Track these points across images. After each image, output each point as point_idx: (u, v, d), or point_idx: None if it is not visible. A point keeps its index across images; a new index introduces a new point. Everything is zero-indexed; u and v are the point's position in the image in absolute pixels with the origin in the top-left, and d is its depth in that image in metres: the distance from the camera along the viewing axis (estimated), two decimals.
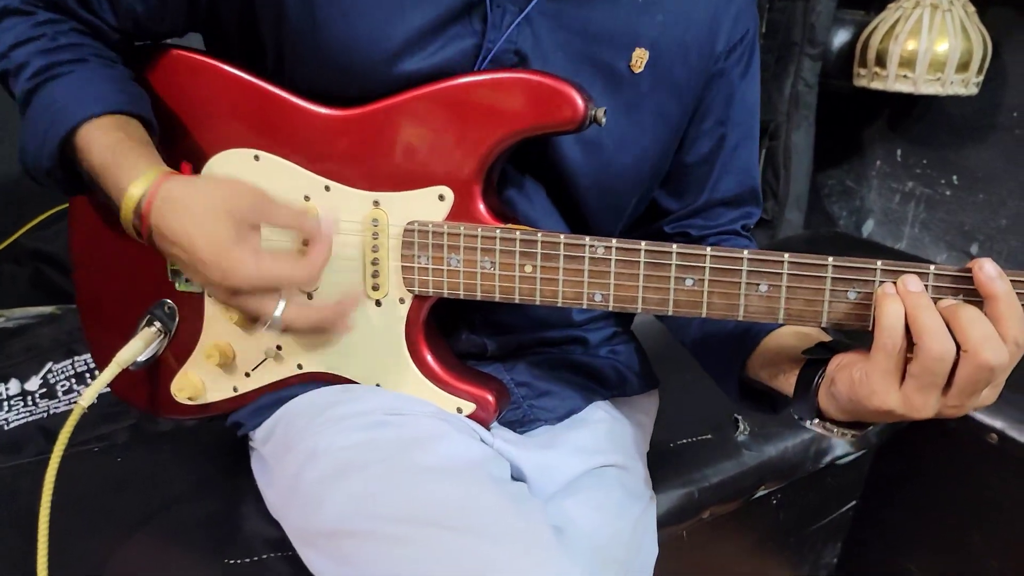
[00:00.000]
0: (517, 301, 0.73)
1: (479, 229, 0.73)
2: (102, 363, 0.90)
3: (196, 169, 0.80)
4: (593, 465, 0.81)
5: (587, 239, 0.70)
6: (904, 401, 0.59)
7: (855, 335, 0.68)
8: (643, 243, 0.68)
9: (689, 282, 0.68)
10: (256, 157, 0.78)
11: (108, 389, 0.85)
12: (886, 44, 2.00)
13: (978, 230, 2.22)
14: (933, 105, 2.22)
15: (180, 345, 0.85)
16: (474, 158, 0.72)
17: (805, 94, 2.18)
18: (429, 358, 0.78)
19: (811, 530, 1.35)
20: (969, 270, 0.61)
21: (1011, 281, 0.59)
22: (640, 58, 0.78)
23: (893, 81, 1.99)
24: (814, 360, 0.69)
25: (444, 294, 0.75)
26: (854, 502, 1.40)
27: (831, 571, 1.47)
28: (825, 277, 0.65)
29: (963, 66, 1.96)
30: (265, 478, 0.85)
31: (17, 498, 0.91)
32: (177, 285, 0.84)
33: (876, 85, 2.04)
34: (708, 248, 0.66)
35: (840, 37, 2.18)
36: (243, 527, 0.89)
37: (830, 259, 0.64)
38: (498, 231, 0.72)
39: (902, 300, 0.59)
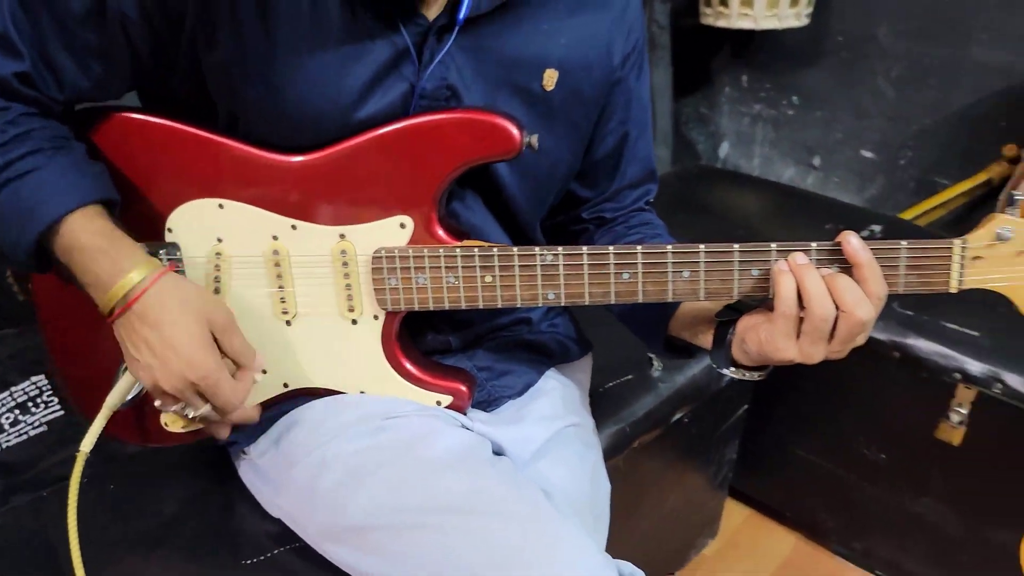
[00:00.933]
0: (481, 307, 0.84)
1: (441, 250, 0.82)
2: (86, 410, 0.94)
3: (158, 223, 0.85)
4: (555, 429, 0.95)
5: (537, 249, 0.81)
6: (801, 352, 0.75)
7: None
8: (584, 248, 0.80)
9: (626, 276, 0.80)
10: (220, 205, 0.84)
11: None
12: None
13: (818, 144, 2.46)
14: (771, 35, 2.41)
15: None
16: (429, 189, 0.82)
17: (659, 35, 2.32)
18: (406, 363, 0.88)
19: (715, 436, 1.55)
20: (839, 244, 0.76)
21: (871, 250, 0.75)
22: (551, 78, 0.88)
23: (736, 19, 2.16)
24: (724, 321, 0.84)
25: (415, 308, 0.85)
26: (746, 406, 1.61)
27: (732, 465, 1.69)
28: (733, 260, 0.79)
29: (794, 1, 2.14)
30: (263, 483, 0.94)
31: None
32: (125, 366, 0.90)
33: (721, 23, 2.20)
34: (639, 247, 0.79)
35: None
36: (246, 529, 0.98)
37: (736, 246, 0.78)
38: (458, 250, 0.82)
39: (793, 273, 0.74)
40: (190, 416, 0.79)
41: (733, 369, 0.85)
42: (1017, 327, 1.47)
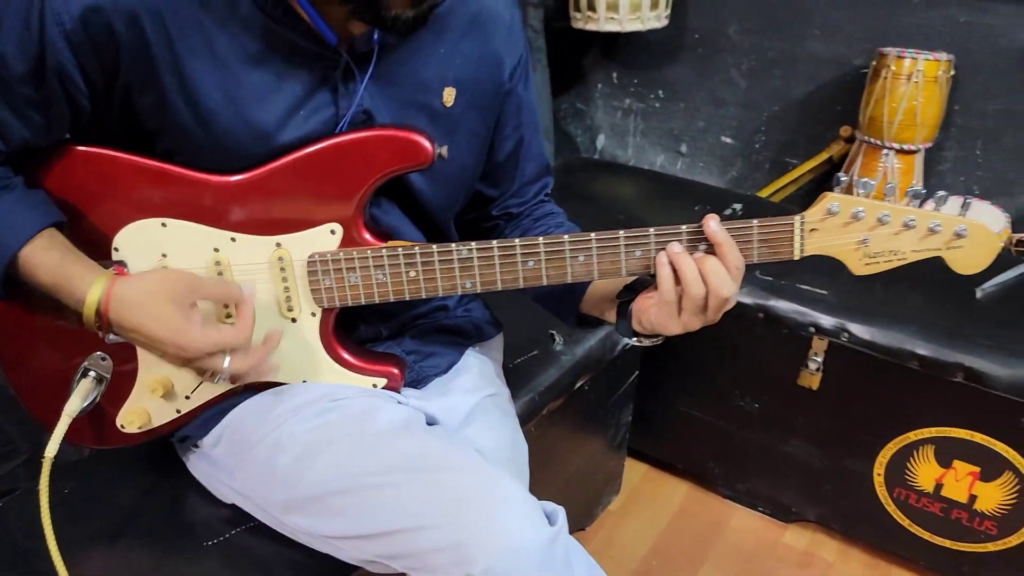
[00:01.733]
0: (407, 298, 0.94)
1: (368, 251, 0.92)
2: (42, 417, 0.99)
3: (105, 244, 0.92)
4: (477, 399, 1.06)
5: (453, 245, 0.92)
6: (683, 325, 0.90)
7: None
8: (494, 241, 0.92)
9: (531, 263, 0.93)
10: (163, 224, 0.91)
11: None
12: None
13: (684, 132, 2.67)
14: (636, 35, 2.59)
15: (118, 385, 0.97)
16: (354, 199, 0.91)
17: (534, 39, 2.45)
18: (343, 353, 0.98)
19: (611, 402, 1.70)
20: (701, 226, 0.91)
21: (727, 229, 0.90)
22: (450, 95, 0.99)
23: (604, 23, 2.32)
24: (624, 300, 0.98)
25: (349, 304, 0.95)
26: (637, 372, 1.77)
27: (628, 427, 1.85)
28: (619, 245, 0.92)
29: (654, 4, 2.32)
30: (217, 471, 1.02)
31: None
32: (107, 338, 0.96)
33: (591, 27, 2.36)
34: (540, 238, 0.91)
35: None
36: (200, 515, 1.05)
37: (621, 233, 0.92)
38: (384, 250, 0.92)
39: (671, 261, 0.88)
40: (225, 366, 0.86)
41: (635, 339, 0.99)
42: (858, 285, 1.69)
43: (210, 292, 0.88)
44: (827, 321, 1.62)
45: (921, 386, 1.56)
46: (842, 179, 0.95)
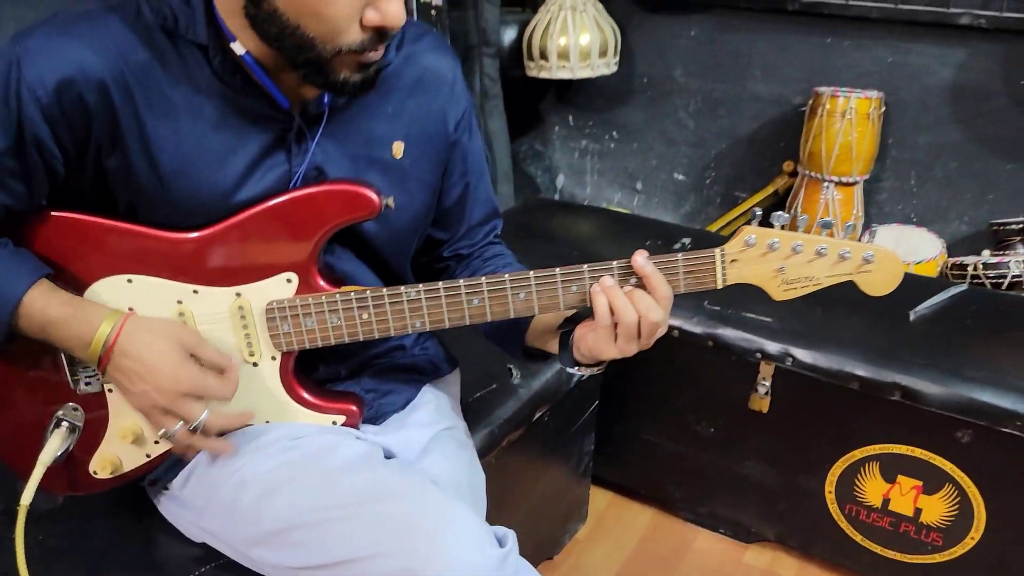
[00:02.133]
0: (362, 339, 1.00)
1: (323, 297, 0.98)
2: (17, 466, 1.03)
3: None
4: (433, 432, 1.11)
5: (402, 288, 0.98)
6: (619, 350, 0.96)
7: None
8: (440, 283, 0.98)
9: (476, 302, 0.99)
10: (129, 280, 0.96)
11: None
12: (545, 42, 2.42)
13: (638, 171, 2.76)
14: (589, 80, 2.70)
15: (90, 433, 1.02)
16: (308, 248, 0.97)
17: (491, 87, 2.54)
18: (303, 393, 1.03)
19: (572, 431, 1.76)
20: (630, 262, 0.97)
21: (654, 263, 0.97)
22: (399, 148, 1.06)
23: (556, 71, 2.43)
24: (565, 331, 1.04)
25: (306, 346, 1.00)
26: (597, 402, 1.83)
27: (591, 455, 1.90)
28: (556, 281, 0.98)
29: (603, 52, 2.43)
30: (185, 512, 1.05)
31: None
32: (78, 390, 1.00)
33: (544, 75, 2.46)
34: (483, 278, 0.97)
35: (508, 35, 2.57)
36: (172, 555, 1.08)
37: (557, 270, 0.98)
38: (337, 296, 0.98)
39: (605, 294, 0.95)
40: (192, 428, 0.91)
41: (577, 368, 1.05)
42: (800, 312, 1.77)
43: (208, 354, 0.94)
44: (772, 347, 1.69)
45: (863, 405, 1.63)
46: (757, 212, 1.03)
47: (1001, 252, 2.11)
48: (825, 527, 1.78)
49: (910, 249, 2.21)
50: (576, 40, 2.37)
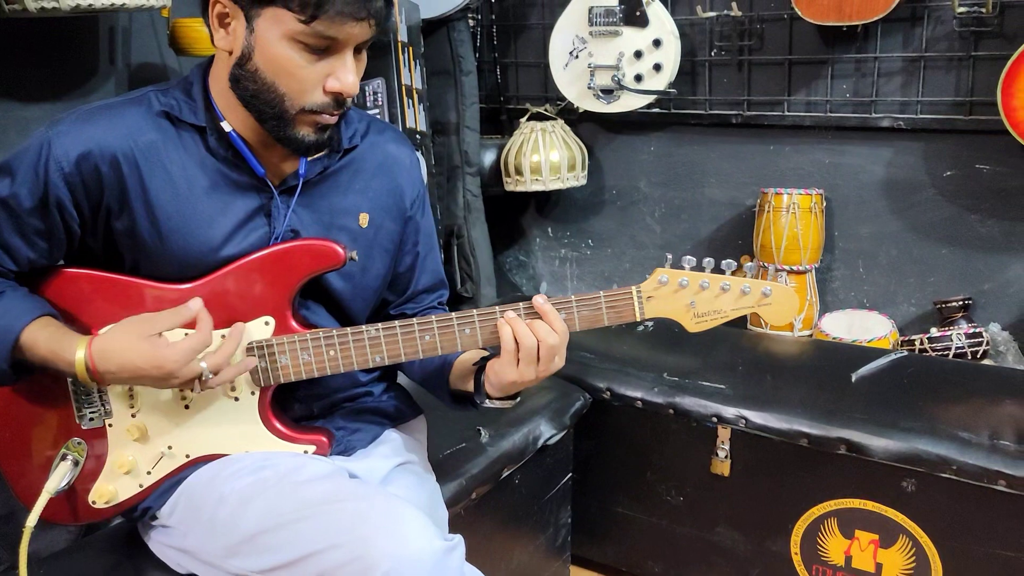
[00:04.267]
0: (329, 373, 1.13)
1: (296, 337, 1.12)
2: (25, 496, 1.14)
3: None
4: (395, 463, 1.22)
5: (364, 327, 1.12)
6: (520, 373, 1.08)
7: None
8: (396, 323, 1.12)
9: (427, 337, 1.12)
10: None
11: None
12: (519, 160, 2.65)
13: (613, 274, 2.93)
14: (563, 194, 2.92)
15: (90, 466, 1.13)
16: (285, 295, 1.12)
17: (473, 202, 2.76)
18: (278, 425, 1.15)
19: (545, 499, 1.83)
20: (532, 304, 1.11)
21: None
22: (364, 219, 1.22)
23: (530, 184, 2.64)
24: (480, 368, 1.16)
25: (281, 381, 1.13)
26: (571, 474, 1.91)
27: (569, 529, 1.95)
28: (474, 320, 1.12)
29: (571, 167, 2.65)
30: (172, 539, 1.14)
31: None
32: (83, 425, 1.13)
33: (520, 188, 2.68)
34: (433, 317, 1.11)
35: (489, 157, 2.80)
36: None
37: (475, 311, 1.11)
38: (308, 336, 1.12)
39: (509, 324, 1.08)
40: (205, 381, 1.04)
41: (487, 401, 1.17)
42: (751, 378, 1.88)
43: (166, 322, 1.06)
44: (728, 411, 1.79)
45: (814, 462, 1.71)
46: (668, 257, 1.17)
47: (946, 328, 2.23)
48: None
49: (863, 329, 2.33)
50: (547, 156, 2.60)
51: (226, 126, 1.09)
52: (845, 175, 2.42)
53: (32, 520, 1.06)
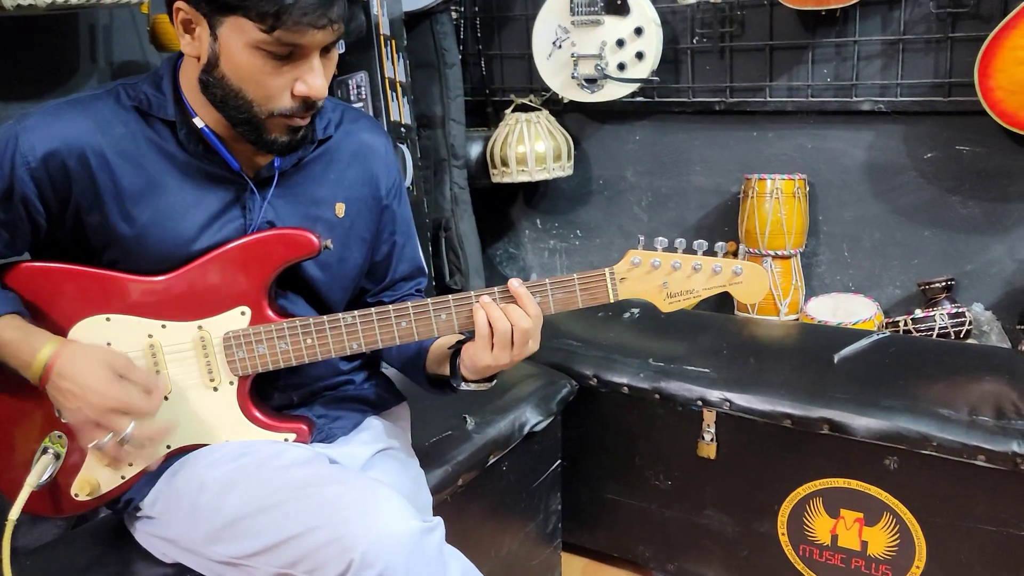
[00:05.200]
0: (307, 361, 1.13)
1: (272, 327, 1.12)
2: (9, 490, 1.14)
3: (62, 336, 1.11)
4: (376, 449, 1.23)
5: (340, 315, 1.12)
6: (494, 359, 1.09)
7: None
8: (372, 310, 1.12)
9: (404, 324, 1.12)
10: (107, 319, 1.11)
11: None
12: (505, 151, 2.65)
13: (602, 263, 2.90)
14: (550, 185, 2.92)
15: (72, 460, 1.13)
16: (260, 284, 1.12)
17: (460, 194, 2.76)
18: (257, 413, 1.15)
19: (534, 486, 1.83)
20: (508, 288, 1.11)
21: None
22: (340, 208, 1.22)
23: (516, 175, 2.65)
24: (455, 352, 1.17)
25: (259, 370, 1.13)
26: (560, 461, 1.91)
27: (559, 516, 1.96)
28: (450, 306, 1.12)
29: (557, 157, 2.65)
30: (156, 529, 1.15)
31: None
32: (63, 418, 1.13)
33: (507, 180, 2.68)
34: (409, 303, 1.11)
35: (474, 149, 2.81)
36: (146, 575, 1.17)
37: (450, 297, 1.12)
38: (284, 324, 1.12)
39: (484, 308, 1.08)
40: (120, 439, 1.02)
41: (463, 384, 1.17)
42: (735, 361, 1.89)
43: (138, 375, 1.06)
44: (712, 394, 1.79)
45: (798, 442, 1.72)
46: (641, 239, 1.18)
47: (930, 308, 2.24)
48: (784, 571, 1.81)
49: (848, 312, 2.34)
50: (532, 147, 2.60)
51: (198, 122, 1.09)
52: (827, 159, 2.42)
53: (14, 513, 1.06)
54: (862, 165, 2.38)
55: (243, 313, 1.13)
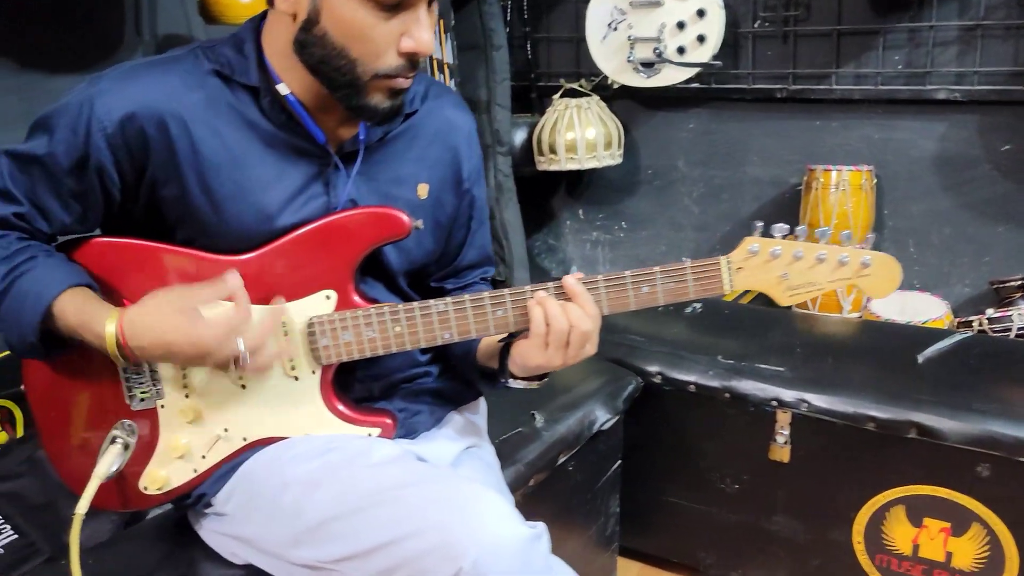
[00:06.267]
0: (394, 351, 1.06)
1: (359, 312, 1.05)
2: (71, 480, 1.08)
3: None
4: (461, 447, 1.16)
5: (431, 302, 1.05)
6: (546, 359, 1.01)
7: None
8: (466, 296, 1.05)
9: (500, 312, 1.05)
10: None
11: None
12: (553, 137, 2.58)
13: (648, 257, 2.86)
14: (596, 174, 2.85)
15: (141, 450, 1.07)
16: (347, 267, 1.05)
17: (504, 182, 2.69)
18: (340, 406, 1.08)
19: (597, 487, 1.77)
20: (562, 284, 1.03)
21: (583, 283, 1.03)
22: (423, 189, 1.15)
23: (565, 163, 2.57)
24: (505, 346, 1.09)
25: (344, 359, 1.06)
26: (619, 461, 1.84)
27: (617, 519, 1.89)
28: (504, 302, 1.04)
29: (607, 144, 2.58)
30: (226, 527, 1.08)
31: None
32: (133, 406, 1.06)
33: (554, 167, 2.61)
34: (506, 291, 1.04)
35: (519, 136, 2.74)
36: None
37: (506, 291, 1.04)
38: (372, 311, 1.05)
39: (540, 304, 1.01)
40: (243, 348, 0.95)
41: (512, 381, 1.10)
42: (811, 360, 1.81)
43: (203, 295, 0.98)
44: (788, 394, 1.72)
45: (881, 447, 1.64)
46: (757, 224, 1.10)
47: (1005, 308, 2.16)
48: None
49: (916, 311, 2.26)
50: (582, 134, 2.53)
51: (283, 88, 1.01)
52: (895, 151, 2.34)
53: (82, 507, 1.00)
54: (933, 157, 2.29)
55: (328, 297, 1.05)
